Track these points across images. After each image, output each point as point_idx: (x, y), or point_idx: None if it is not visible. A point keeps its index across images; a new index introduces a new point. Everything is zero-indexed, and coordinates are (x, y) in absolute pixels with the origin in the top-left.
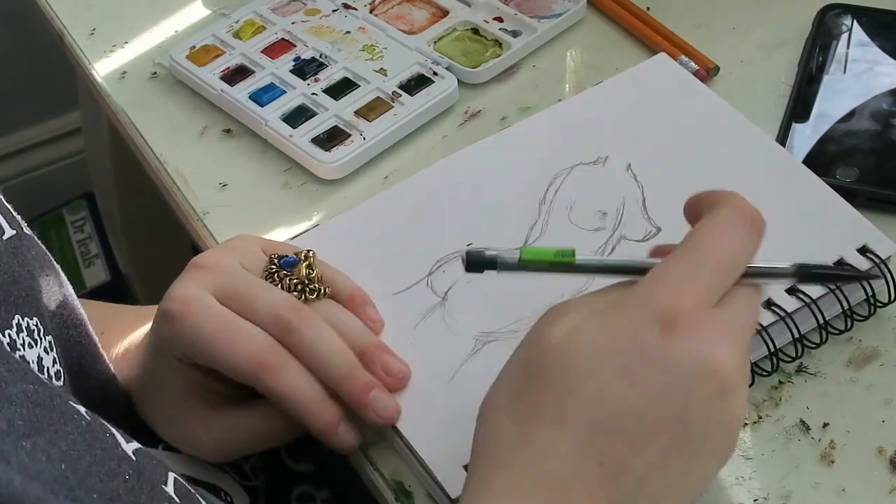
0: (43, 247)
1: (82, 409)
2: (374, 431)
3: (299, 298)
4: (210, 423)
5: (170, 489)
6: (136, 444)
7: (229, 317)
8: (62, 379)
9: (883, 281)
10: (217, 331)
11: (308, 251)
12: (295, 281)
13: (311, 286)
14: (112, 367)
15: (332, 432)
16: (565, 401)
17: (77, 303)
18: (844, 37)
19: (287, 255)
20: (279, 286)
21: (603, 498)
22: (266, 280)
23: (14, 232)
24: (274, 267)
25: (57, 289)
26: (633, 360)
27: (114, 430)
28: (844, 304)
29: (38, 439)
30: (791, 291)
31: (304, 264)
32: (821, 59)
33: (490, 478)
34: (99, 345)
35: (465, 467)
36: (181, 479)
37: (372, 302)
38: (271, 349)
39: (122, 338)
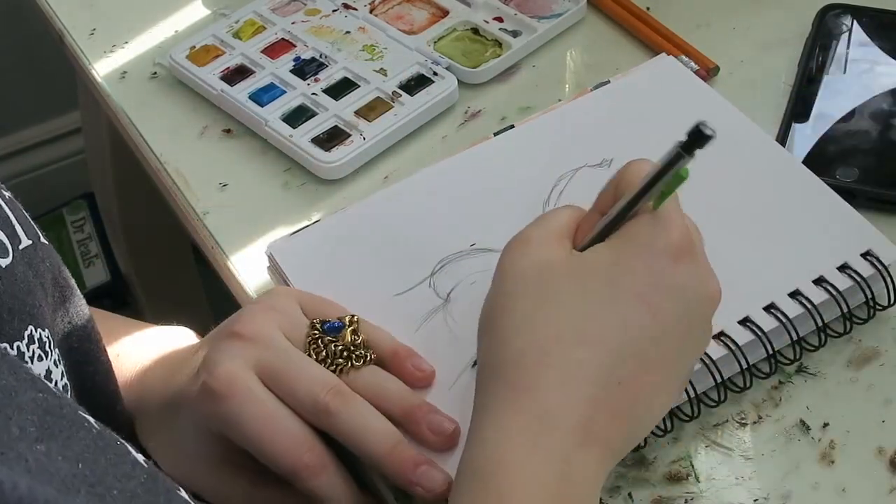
0: (58, 257)
1: (91, 419)
2: None
3: (345, 365)
4: (230, 491)
5: (184, 494)
6: (143, 458)
7: (272, 406)
8: (69, 393)
9: (883, 284)
10: (259, 419)
11: (352, 316)
12: (340, 347)
13: (358, 352)
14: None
15: None
16: (587, 325)
17: (93, 316)
18: (844, 37)
19: (330, 321)
20: (323, 352)
21: (623, 418)
22: (309, 346)
23: (30, 242)
24: (317, 332)
25: (74, 301)
26: (650, 288)
27: (122, 441)
28: (844, 307)
29: (52, 444)
30: (792, 296)
31: (349, 330)
32: (821, 59)
33: (515, 399)
34: (112, 364)
35: None
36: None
37: (417, 354)
38: (311, 447)
39: (136, 363)
